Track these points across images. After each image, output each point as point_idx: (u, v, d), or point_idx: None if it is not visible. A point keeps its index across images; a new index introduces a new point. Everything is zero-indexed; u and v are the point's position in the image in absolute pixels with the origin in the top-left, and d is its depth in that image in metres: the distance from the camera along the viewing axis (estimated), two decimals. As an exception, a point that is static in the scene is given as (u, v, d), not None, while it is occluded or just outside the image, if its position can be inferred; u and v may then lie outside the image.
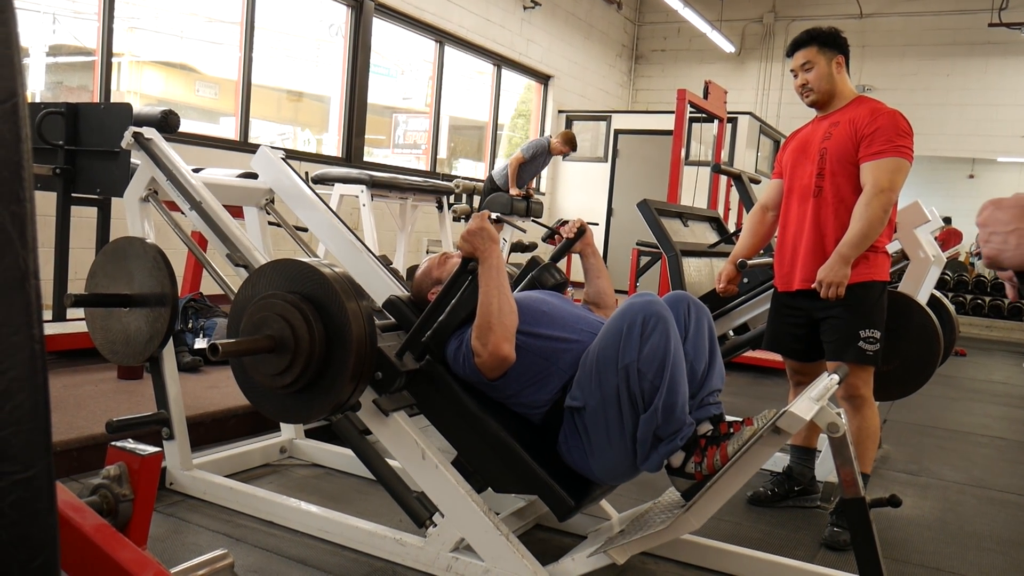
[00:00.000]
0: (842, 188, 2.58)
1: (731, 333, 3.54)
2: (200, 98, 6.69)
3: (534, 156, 6.91)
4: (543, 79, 10.67)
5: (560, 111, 10.80)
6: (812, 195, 2.63)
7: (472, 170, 9.97)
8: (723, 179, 7.23)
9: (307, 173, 4.09)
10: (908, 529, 2.81)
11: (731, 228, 4.79)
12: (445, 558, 2.09)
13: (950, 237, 8.73)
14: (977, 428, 4.62)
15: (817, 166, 2.62)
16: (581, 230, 2.44)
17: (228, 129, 6.48)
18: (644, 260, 7.31)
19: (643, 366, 1.85)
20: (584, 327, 2.12)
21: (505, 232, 6.69)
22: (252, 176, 3.13)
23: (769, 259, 3.01)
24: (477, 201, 6.99)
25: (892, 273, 2.98)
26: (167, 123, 2.86)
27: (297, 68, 7.53)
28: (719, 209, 7.14)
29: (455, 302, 2.05)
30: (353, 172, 5.29)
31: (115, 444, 1.29)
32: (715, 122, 6.88)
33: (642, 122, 10.57)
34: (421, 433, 2.07)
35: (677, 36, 12.50)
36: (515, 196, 6.69)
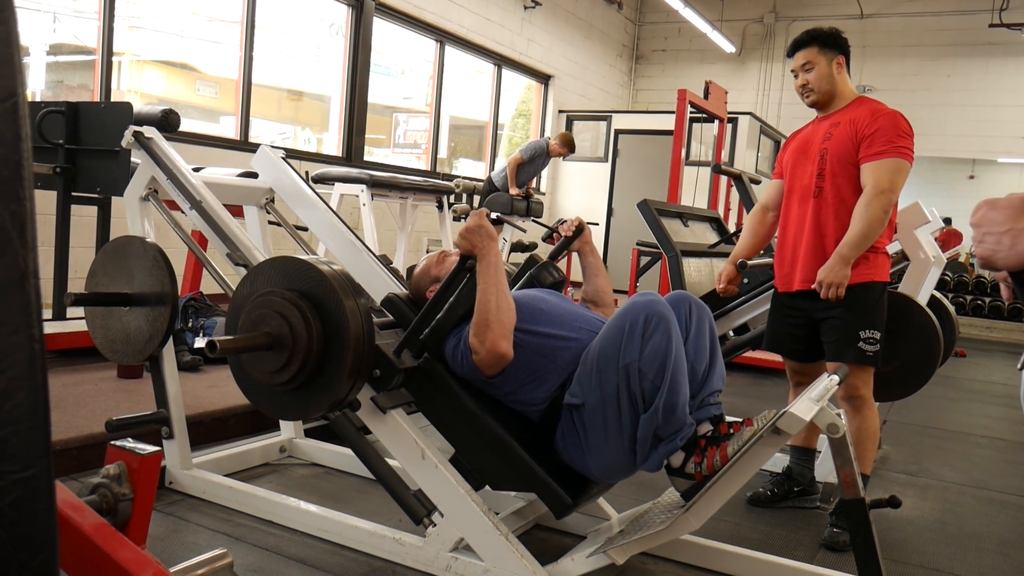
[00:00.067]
0: (842, 189, 2.58)
1: (731, 333, 3.54)
2: (200, 97, 6.69)
3: (532, 158, 6.91)
4: (543, 79, 10.66)
5: (560, 111, 10.80)
6: (812, 195, 2.63)
7: (472, 170, 9.97)
8: (723, 179, 7.23)
9: (307, 172, 4.08)
10: (907, 530, 2.81)
11: (731, 228, 4.79)
12: (444, 558, 2.09)
13: (950, 238, 8.72)
14: (977, 429, 4.62)
15: (817, 166, 2.62)
16: (579, 228, 2.44)
17: (228, 128, 6.47)
18: (644, 260, 7.31)
19: (644, 366, 1.85)
20: (582, 325, 2.12)
21: (505, 232, 6.68)
22: (252, 175, 3.13)
23: (769, 259, 3.01)
24: (477, 202, 6.99)
25: (892, 274, 2.99)
26: (167, 122, 2.85)
27: (297, 67, 7.53)
28: (719, 209, 7.14)
29: (453, 299, 2.05)
30: (353, 171, 5.29)
31: (115, 443, 1.29)
32: (715, 122, 6.88)
33: (642, 122, 10.56)
34: (420, 432, 2.07)
35: (678, 36, 12.50)
36: (515, 196, 6.68)
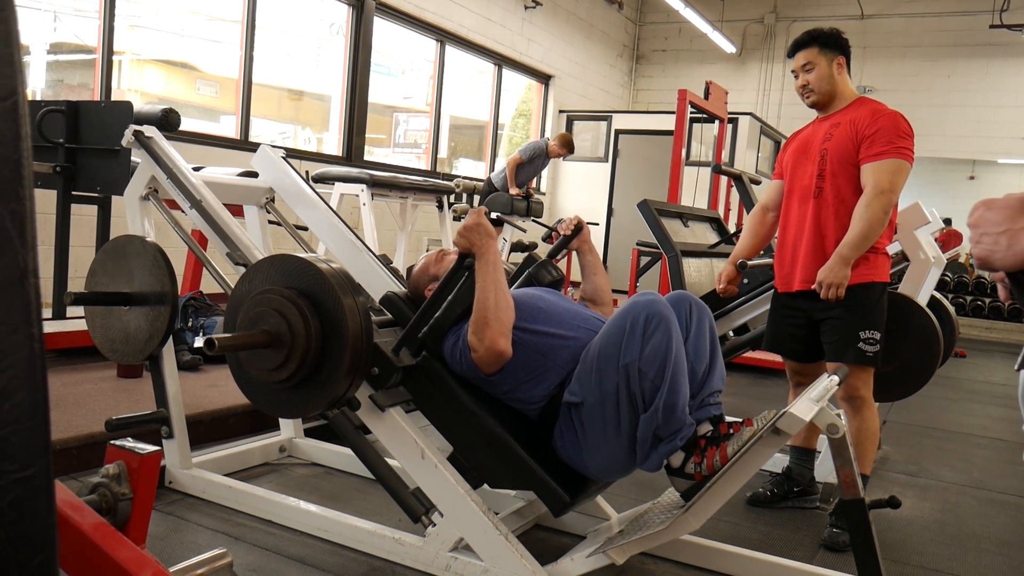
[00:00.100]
0: (842, 189, 2.58)
1: (731, 334, 3.54)
2: (201, 96, 6.69)
3: (531, 158, 6.93)
4: (544, 79, 10.66)
5: (561, 111, 10.80)
6: (812, 196, 2.63)
7: (472, 170, 9.97)
8: (723, 179, 7.23)
9: (307, 172, 4.08)
10: (907, 530, 2.81)
11: (731, 229, 4.78)
12: (444, 558, 2.09)
13: (950, 238, 8.72)
14: (976, 429, 4.61)
15: (818, 167, 2.62)
16: (578, 227, 2.44)
17: (229, 128, 6.47)
18: (644, 260, 7.31)
19: (644, 365, 1.85)
20: (581, 323, 2.12)
21: (505, 232, 6.69)
22: (252, 175, 3.12)
23: (769, 260, 3.01)
24: (477, 202, 6.99)
25: (892, 274, 2.99)
26: (168, 121, 2.85)
27: (298, 67, 7.53)
28: (719, 209, 7.14)
29: (452, 297, 2.05)
30: (353, 171, 5.29)
31: (114, 443, 1.29)
32: (716, 122, 6.88)
33: (643, 122, 10.56)
34: (420, 432, 2.07)
35: (678, 36, 12.50)
36: (515, 196, 6.69)
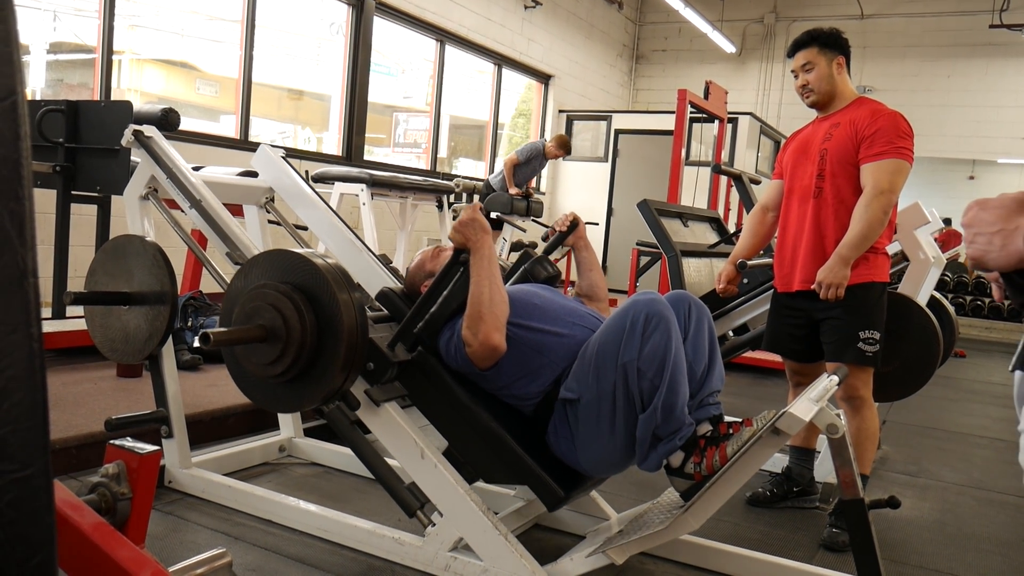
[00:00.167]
0: (842, 189, 2.58)
1: (731, 333, 3.54)
2: (200, 96, 6.69)
3: (528, 159, 6.95)
4: (544, 79, 10.66)
5: (561, 111, 10.80)
6: (812, 196, 2.63)
7: (472, 170, 9.97)
8: (723, 179, 7.23)
9: (307, 172, 4.08)
10: (907, 530, 2.81)
11: (731, 228, 4.79)
12: (443, 557, 2.09)
13: (950, 238, 8.72)
14: (976, 429, 4.62)
15: (817, 167, 2.62)
16: (574, 223, 2.44)
17: (228, 127, 6.47)
18: (644, 260, 7.31)
19: (643, 365, 1.85)
20: (577, 320, 2.12)
21: (505, 232, 6.69)
22: (252, 174, 3.12)
23: (769, 260, 3.01)
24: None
25: (892, 274, 2.98)
26: (167, 121, 2.85)
27: (298, 66, 7.53)
28: (719, 209, 7.14)
29: (447, 292, 2.05)
30: (353, 171, 5.29)
31: (114, 442, 1.29)
32: (715, 122, 6.88)
33: (642, 122, 10.56)
34: (420, 432, 2.07)
35: (678, 36, 12.50)
36: (515, 196, 6.70)
